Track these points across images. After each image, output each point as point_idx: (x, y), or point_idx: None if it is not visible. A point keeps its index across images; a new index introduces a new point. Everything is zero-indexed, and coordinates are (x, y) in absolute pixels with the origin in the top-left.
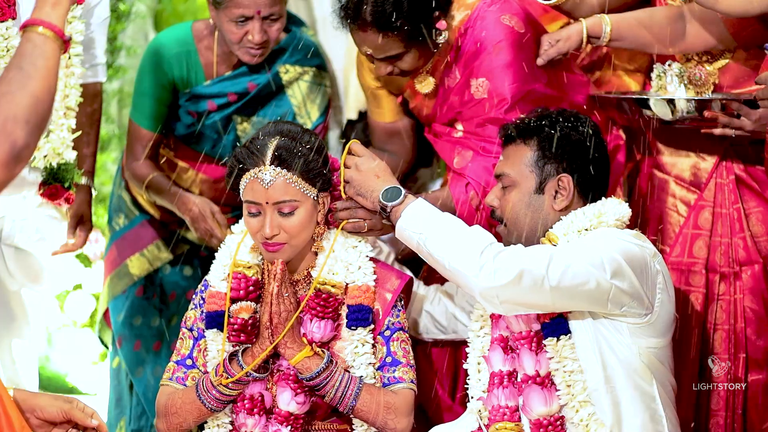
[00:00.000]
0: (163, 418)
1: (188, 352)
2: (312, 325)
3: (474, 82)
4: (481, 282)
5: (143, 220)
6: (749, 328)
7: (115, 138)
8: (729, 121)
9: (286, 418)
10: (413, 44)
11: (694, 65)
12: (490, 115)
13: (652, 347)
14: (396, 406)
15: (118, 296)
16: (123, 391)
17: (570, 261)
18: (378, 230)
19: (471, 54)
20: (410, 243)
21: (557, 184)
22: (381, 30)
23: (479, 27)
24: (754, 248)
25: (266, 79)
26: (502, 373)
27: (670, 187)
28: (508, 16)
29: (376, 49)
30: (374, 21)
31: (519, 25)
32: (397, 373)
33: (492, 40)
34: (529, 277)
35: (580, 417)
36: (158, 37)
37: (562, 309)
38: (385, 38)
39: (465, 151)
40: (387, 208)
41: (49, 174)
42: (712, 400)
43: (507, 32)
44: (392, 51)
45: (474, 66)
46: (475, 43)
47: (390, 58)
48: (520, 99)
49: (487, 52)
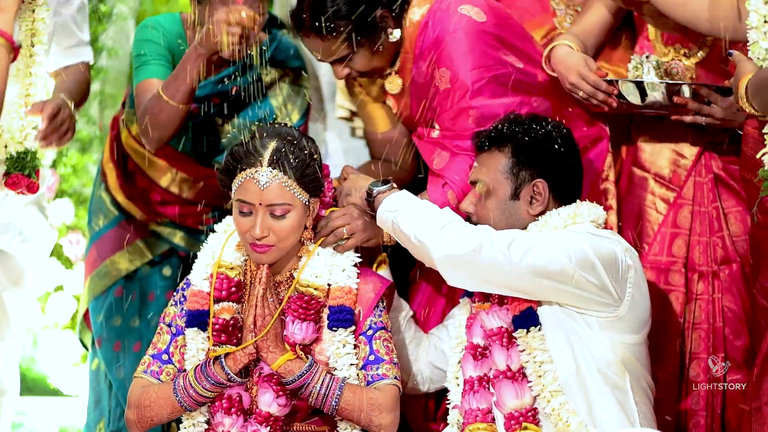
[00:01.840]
0: (135, 410)
1: (165, 347)
2: (293, 326)
3: (437, 73)
4: (440, 250)
5: (122, 221)
6: (727, 328)
7: (96, 139)
8: (699, 107)
9: (266, 419)
10: (359, 45)
11: (671, 59)
12: (458, 105)
13: (626, 343)
14: (380, 402)
15: (97, 297)
16: (102, 392)
17: (534, 243)
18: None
19: (431, 45)
20: (387, 226)
21: (532, 189)
22: (320, 35)
23: (438, 19)
24: (732, 247)
25: (247, 82)
26: (472, 379)
27: (649, 184)
28: (468, 6)
29: (323, 52)
30: (312, 27)
31: (479, 15)
32: (380, 370)
33: (449, 30)
34: (489, 250)
35: (552, 407)
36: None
37: (524, 291)
38: (327, 42)
39: (443, 152)
40: (373, 193)
41: (10, 163)
42: (692, 399)
43: (465, 21)
44: (338, 54)
45: (435, 57)
46: (435, 33)
47: (340, 60)
48: (484, 84)
49: (445, 42)
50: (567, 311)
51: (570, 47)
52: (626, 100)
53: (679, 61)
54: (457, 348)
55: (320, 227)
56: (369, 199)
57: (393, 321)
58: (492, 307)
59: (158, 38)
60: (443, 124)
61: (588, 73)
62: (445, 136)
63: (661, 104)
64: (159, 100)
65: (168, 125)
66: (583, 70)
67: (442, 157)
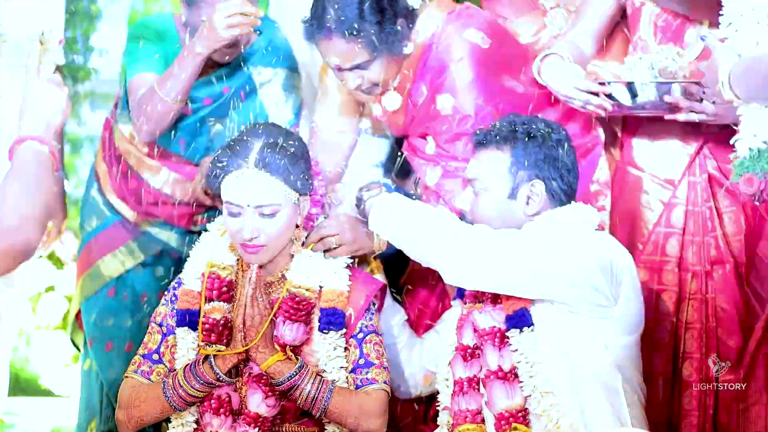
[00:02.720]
0: (125, 410)
1: (155, 346)
2: (284, 327)
3: (439, 97)
4: (437, 249)
5: (115, 221)
6: (720, 328)
7: (87, 140)
8: (691, 105)
9: (255, 420)
10: (379, 51)
11: (664, 58)
12: (458, 130)
13: (619, 344)
14: (369, 407)
15: (90, 297)
16: (93, 393)
17: (532, 241)
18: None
19: (436, 70)
20: (379, 227)
21: (529, 189)
22: (345, 36)
23: (443, 43)
24: (726, 248)
25: (239, 82)
26: (462, 380)
27: (644, 183)
28: (473, 31)
29: (343, 57)
30: (338, 28)
31: (483, 40)
32: (370, 375)
33: (455, 57)
34: (485, 248)
35: (543, 408)
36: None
37: (520, 290)
38: (350, 45)
39: (435, 168)
40: (364, 198)
41: None
42: (685, 399)
43: (470, 48)
44: (359, 59)
45: (438, 82)
46: (439, 59)
47: (357, 68)
48: (488, 114)
49: (449, 70)
50: (561, 312)
51: (560, 56)
52: (618, 102)
53: (672, 60)
54: (447, 349)
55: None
56: (359, 205)
57: (387, 325)
58: (485, 307)
59: (151, 36)
60: (438, 142)
61: (578, 81)
62: (440, 154)
63: (653, 104)
64: (154, 95)
65: (162, 120)
66: (573, 80)
67: (435, 173)
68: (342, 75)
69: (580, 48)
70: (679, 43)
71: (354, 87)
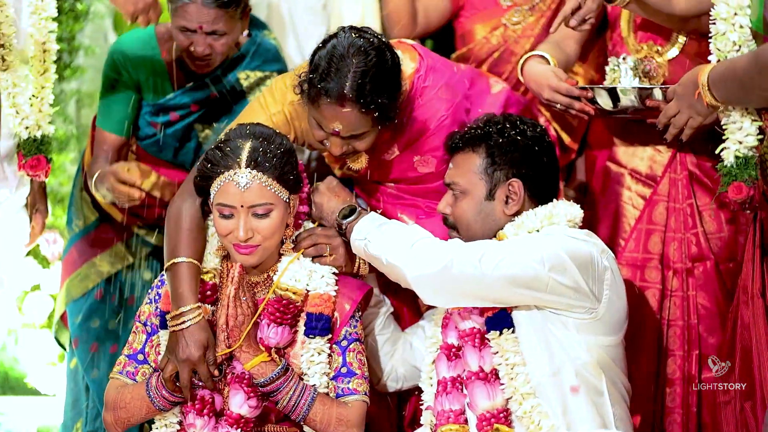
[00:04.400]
0: (111, 411)
1: (140, 347)
2: (269, 330)
3: (417, 158)
4: (412, 270)
5: (103, 223)
6: (701, 325)
7: (73, 138)
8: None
9: (237, 421)
10: (380, 123)
11: (644, 57)
12: (436, 185)
13: (603, 345)
14: (348, 418)
15: (77, 299)
16: (80, 392)
17: (506, 252)
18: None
19: (413, 133)
20: (360, 252)
21: (507, 189)
22: (360, 106)
23: (418, 105)
24: (707, 245)
25: (227, 88)
26: (445, 380)
27: (626, 180)
28: (443, 88)
29: (348, 125)
30: (356, 97)
31: (453, 93)
32: (351, 385)
33: (434, 120)
34: (460, 265)
35: (524, 409)
36: (120, 39)
37: (501, 301)
38: (364, 116)
39: (410, 208)
40: (342, 225)
41: (32, 145)
42: (668, 397)
43: (447, 106)
44: (360, 129)
45: (416, 145)
46: (416, 122)
47: (353, 137)
48: None
49: (430, 132)
50: (543, 313)
51: (542, 58)
52: (600, 106)
53: (652, 58)
54: (431, 347)
55: (301, 238)
56: (340, 231)
57: (373, 316)
58: (465, 308)
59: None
60: (408, 190)
61: (559, 84)
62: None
63: (635, 108)
64: None
65: None
66: (553, 82)
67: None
68: (329, 138)
69: (564, 50)
70: (659, 41)
71: (339, 153)
